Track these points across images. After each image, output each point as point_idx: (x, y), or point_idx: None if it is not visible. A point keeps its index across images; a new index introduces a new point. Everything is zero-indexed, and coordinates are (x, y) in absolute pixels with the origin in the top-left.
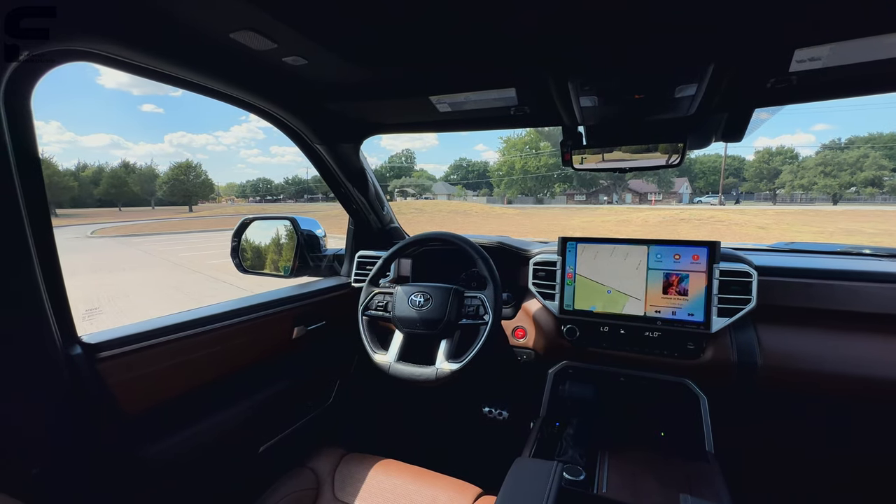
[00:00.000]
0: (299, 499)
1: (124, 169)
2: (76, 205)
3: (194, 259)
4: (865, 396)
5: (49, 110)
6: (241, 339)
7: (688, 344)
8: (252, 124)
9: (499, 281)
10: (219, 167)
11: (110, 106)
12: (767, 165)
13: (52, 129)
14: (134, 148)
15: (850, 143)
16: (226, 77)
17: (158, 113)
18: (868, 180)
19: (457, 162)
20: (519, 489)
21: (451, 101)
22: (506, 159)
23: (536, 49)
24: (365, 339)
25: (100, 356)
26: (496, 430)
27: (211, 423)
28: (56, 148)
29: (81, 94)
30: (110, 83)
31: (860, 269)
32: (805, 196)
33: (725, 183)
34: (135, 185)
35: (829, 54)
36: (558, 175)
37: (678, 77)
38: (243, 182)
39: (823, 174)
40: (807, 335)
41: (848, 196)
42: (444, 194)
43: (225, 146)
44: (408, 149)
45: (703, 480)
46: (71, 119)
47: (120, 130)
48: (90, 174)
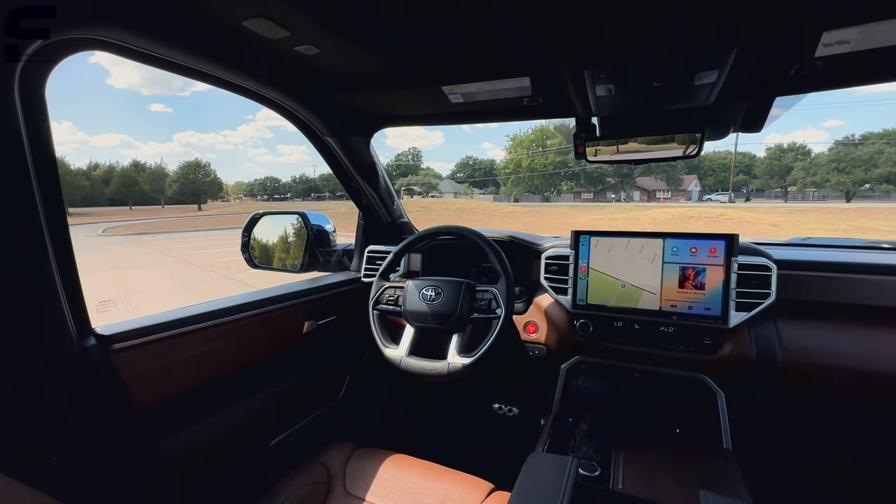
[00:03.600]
0: (310, 493)
1: (135, 168)
2: (88, 204)
3: (204, 257)
4: (889, 394)
5: (61, 111)
6: (252, 332)
7: (704, 339)
8: (259, 123)
9: (511, 275)
10: (227, 166)
11: (120, 106)
12: (779, 162)
13: (64, 130)
14: (143, 147)
15: (865, 140)
16: (237, 67)
17: (167, 112)
18: (883, 177)
19: (463, 160)
20: (534, 484)
21: (463, 91)
22: (512, 157)
23: (554, 36)
24: (376, 333)
25: (114, 347)
26: (506, 427)
27: (223, 416)
28: (68, 148)
29: (92, 95)
30: (120, 83)
31: (884, 263)
32: (818, 193)
33: (736, 180)
34: (145, 184)
35: (858, 37)
36: (565, 173)
37: (699, 63)
38: (251, 181)
39: (837, 171)
40: (828, 330)
41: (862, 193)
42: (451, 192)
43: (233, 145)
44: (414, 147)
45: (722, 478)
46: (82, 119)
47: (130, 130)
48: (101, 173)
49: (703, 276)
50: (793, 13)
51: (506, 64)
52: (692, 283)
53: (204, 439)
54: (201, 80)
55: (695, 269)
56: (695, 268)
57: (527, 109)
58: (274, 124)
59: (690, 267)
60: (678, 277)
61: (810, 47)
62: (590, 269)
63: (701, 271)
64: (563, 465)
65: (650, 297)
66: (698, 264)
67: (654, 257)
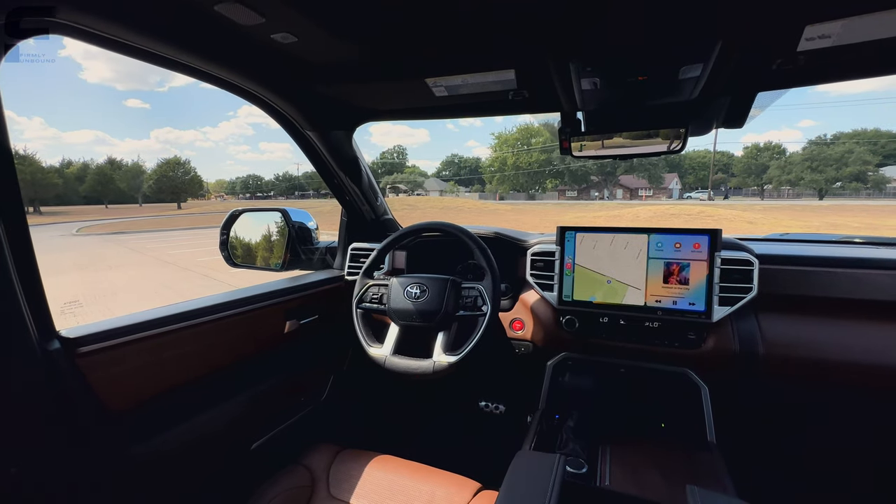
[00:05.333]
0: (293, 497)
1: (110, 166)
2: (61, 202)
3: (184, 256)
4: (868, 385)
5: (31, 106)
6: (230, 333)
7: (689, 334)
8: (241, 119)
9: (497, 271)
10: (207, 164)
11: (94, 101)
12: (756, 161)
13: (34, 125)
14: (119, 144)
15: (836, 139)
16: (211, 55)
17: (144, 108)
18: (853, 175)
19: (448, 158)
20: (521, 482)
21: (447, 84)
22: (497, 155)
23: (538, 28)
24: (359, 332)
25: (80, 351)
26: (493, 425)
27: (200, 420)
28: (39, 144)
29: (64, 89)
30: (93, 78)
31: (861, 257)
32: (792, 191)
33: (715, 178)
34: (121, 182)
35: (840, 31)
36: (550, 171)
37: (684, 56)
38: (233, 179)
39: (810, 169)
40: (808, 323)
41: (833, 191)
42: (437, 190)
43: (213, 142)
44: (399, 145)
45: (707, 471)
46: (54, 115)
47: (104, 126)
48: (75, 171)
49: (687, 271)
50: (776, 6)
51: (490, 56)
52: (676, 279)
53: (181, 444)
54: (174, 70)
55: (679, 265)
56: (679, 263)
57: (512, 104)
58: (256, 121)
59: (675, 262)
60: (663, 272)
61: (793, 41)
62: (575, 266)
63: (685, 266)
64: (550, 463)
65: (635, 292)
66: (682, 259)
67: (640, 253)
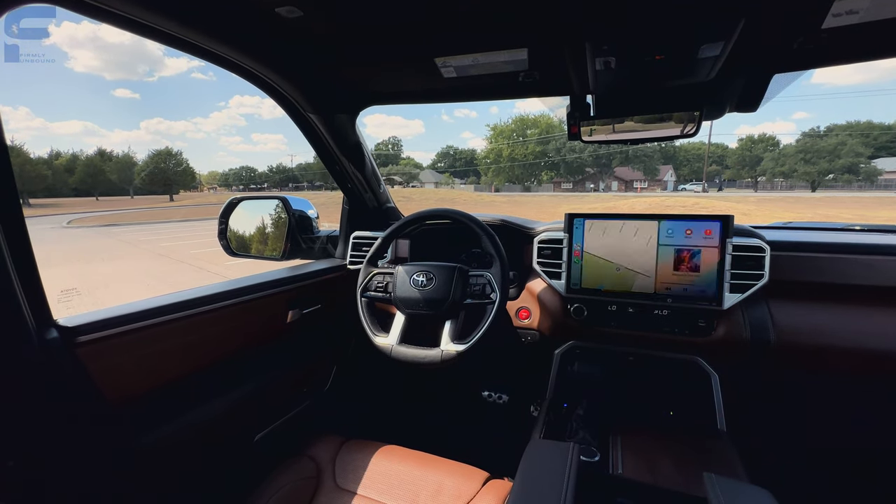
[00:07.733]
0: (299, 488)
1: (100, 157)
2: (50, 194)
3: (177, 248)
4: (881, 372)
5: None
6: (233, 322)
7: (699, 321)
8: (233, 110)
9: (506, 258)
10: (199, 155)
11: (82, 91)
12: (750, 153)
13: (20, 115)
14: (109, 135)
15: (829, 131)
16: (211, 29)
17: (133, 98)
18: (845, 167)
19: (444, 150)
20: (537, 471)
21: (457, 64)
22: (493, 147)
23: (555, 4)
24: (364, 321)
25: (79, 340)
26: (496, 415)
27: (203, 411)
28: (26, 135)
29: (50, 78)
30: (80, 67)
31: (874, 243)
32: (785, 183)
33: (709, 170)
34: (112, 174)
35: (868, 6)
36: (545, 163)
37: (705, 34)
38: (226, 170)
39: (803, 161)
40: (821, 310)
41: (826, 183)
42: (432, 182)
43: (205, 133)
44: (394, 136)
45: (719, 458)
46: (40, 104)
47: (93, 117)
48: (64, 162)
49: (698, 257)
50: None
51: (504, 34)
52: (687, 266)
53: (183, 436)
54: (171, 45)
55: (690, 251)
56: (690, 250)
57: (522, 86)
58: (248, 112)
59: (686, 249)
60: (673, 259)
61: (819, 16)
62: (584, 253)
63: (696, 253)
64: (564, 451)
65: (645, 280)
66: (694, 246)
67: (650, 240)
